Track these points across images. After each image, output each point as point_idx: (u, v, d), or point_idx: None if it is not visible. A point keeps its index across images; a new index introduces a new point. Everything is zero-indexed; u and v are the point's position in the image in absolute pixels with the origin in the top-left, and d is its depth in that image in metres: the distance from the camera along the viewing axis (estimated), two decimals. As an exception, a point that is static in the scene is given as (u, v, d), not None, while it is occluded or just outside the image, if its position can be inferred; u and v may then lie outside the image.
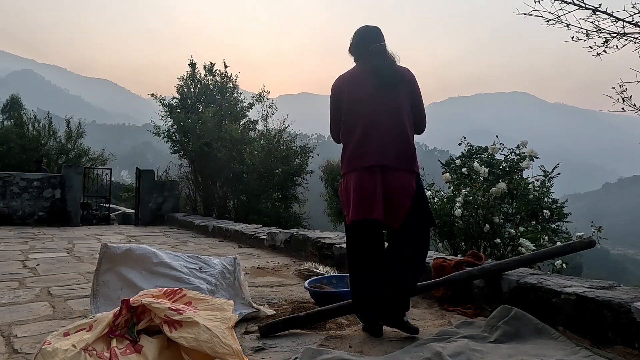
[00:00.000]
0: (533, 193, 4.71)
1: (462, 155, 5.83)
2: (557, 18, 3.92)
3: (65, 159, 15.63)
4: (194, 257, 2.93)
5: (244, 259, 4.95)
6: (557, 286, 2.39)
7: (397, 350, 2.14)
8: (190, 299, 1.98)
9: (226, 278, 2.79)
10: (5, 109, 23.15)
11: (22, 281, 3.74)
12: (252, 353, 2.13)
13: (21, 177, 10.03)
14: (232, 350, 1.69)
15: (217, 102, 12.15)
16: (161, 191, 10.98)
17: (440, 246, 5.25)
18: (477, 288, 2.86)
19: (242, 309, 2.64)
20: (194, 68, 12.61)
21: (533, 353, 2.06)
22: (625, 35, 3.79)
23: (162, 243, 6.82)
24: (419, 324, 2.65)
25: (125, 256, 2.69)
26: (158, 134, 11.83)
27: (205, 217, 10.55)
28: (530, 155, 4.76)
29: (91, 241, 6.99)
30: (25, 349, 2.15)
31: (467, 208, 4.69)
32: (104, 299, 2.58)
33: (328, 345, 2.24)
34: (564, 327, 2.28)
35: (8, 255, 5.16)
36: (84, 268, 4.41)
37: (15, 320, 2.63)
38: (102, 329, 1.71)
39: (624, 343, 2.03)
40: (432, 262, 3.17)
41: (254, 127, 12.51)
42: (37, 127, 16.13)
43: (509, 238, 4.51)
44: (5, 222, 9.51)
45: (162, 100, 12.09)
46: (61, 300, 3.12)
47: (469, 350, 2.06)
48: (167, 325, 1.73)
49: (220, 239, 7.33)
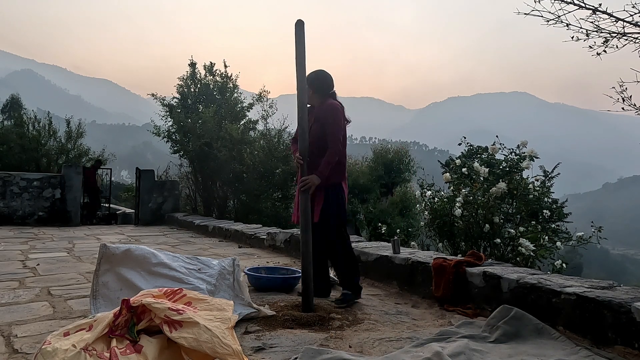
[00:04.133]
0: (533, 193, 4.70)
1: (462, 155, 5.83)
2: (557, 18, 3.92)
3: (65, 159, 15.62)
4: (193, 257, 2.93)
5: (244, 259, 4.95)
6: (557, 286, 2.39)
7: (397, 350, 2.14)
8: (190, 299, 1.98)
9: (225, 279, 2.79)
10: (5, 109, 23.16)
11: (22, 281, 3.73)
12: (252, 353, 2.13)
13: (21, 177, 10.03)
14: (232, 350, 1.69)
15: (217, 102, 12.15)
16: (161, 191, 10.98)
17: (440, 246, 5.24)
18: (477, 288, 2.86)
19: (242, 310, 2.64)
20: (194, 68, 12.62)
21: (533, 353, 2.06)
22: (625, 35, 3.79)
23: (162, 243, 6.82)
24: (419, 324, 2.66)
25: (124, 257, 2.69)
26: (158, 134, 11.83)
27: (205, 217, 10.54)
28: (530, 155, 4.75)
29: (91, 241, 6.99)
30: (25, 348, 2.15)
31: (467, 208, 4.68)
32: (104, 300, 2.58)
33: (328, 345, 2.24)
34: (564, 327, 2.28)
35: (8, 255, 5.16)
36: (84, 268, 4.41)
37: (15, 320, 2.62)
38: (102, 328, 1.71)
39: (624, 343, 2.03)
40: (432, 262, 3.17)
41: (254, 127, 12.50)
42: (37, 127, 16.11)
43: (509, 238, 4.51)
44: (5, 222, 9.51)
45: (162, 100, 12.09)
46: (61, 300, 3.12)
47: (469, 350, 2.06)
48: (167, 325, 1.73)
49: (220, 239, 7.33)
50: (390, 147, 16.01)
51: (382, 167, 14.84)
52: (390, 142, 19.05)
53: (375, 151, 15.72)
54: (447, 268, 3.01)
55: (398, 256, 3.60)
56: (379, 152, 15.45)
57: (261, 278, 3.51)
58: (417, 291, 3.33)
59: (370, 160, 15.49)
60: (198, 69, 12.68)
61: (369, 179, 14.27)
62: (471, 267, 3.00)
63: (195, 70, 12.63)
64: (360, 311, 2.89)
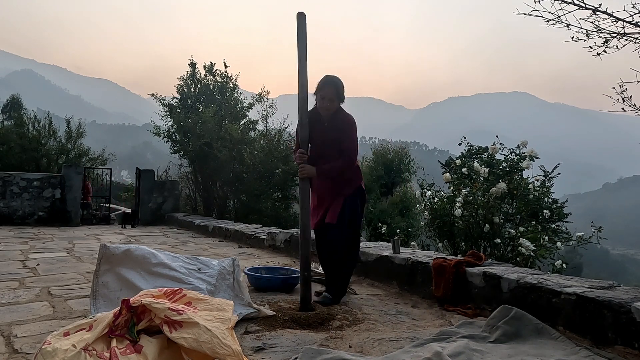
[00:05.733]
0: (533, 193, 4.70)
1: (462, 155, 5.82)
2: (557, 18, 3.91)
3: (65, 159, 15.62)
4: (192, 258, 2.93)
5: (244, 259, 4.95)
6: (557, 286, 2.39)
7: (397, 350, 2.14)
8: (190, 299, 1.98)
9: (225, 279, 2.79)
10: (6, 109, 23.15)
11: (22, 281, 3.73)
12: (252, 353, 2.13)
13: (21, 177, 10.02)
14: (232, 351, 1.69)
15: (217, 102, 12.15)
16: (161, 191, 10.98)
17: (440, 246, 5.24)
18: (477, 288, 2.86)
19: (242, 310, 2.64)
20: (194, 68, 12.62)
21: (533, 353, 2.06)
22: (625, 35, 3.78)
23: (162, 243, 6.82)
24: (419, 324, 2.66)
25: (124, 257, 2.69)
26: (158, 134, 11.83)
27: (205, 217, 10.54)
28: (530, 155, 4.75)
29: (91, 241, 6.99)
30: (25, 348, 2.15)
31: (467, 208, 4.68)
32: (104, 300, 2.58)
33: (328, 345, 2.24)
34: (564, 327, 2.28)
35: (8, 255, 5.16)
36: (84, 268, 4.41)
37: (15, 320, 2.62)
38: (102, 328, 1.71)
39: (624, 343, 2.03)
40: (432, 262, 3.17)
41: (254, 127, 12.50)
42: (37, 127, 16.10)
43: (509, 238, 4.51)
44: (5, 222, 9.50)
45: (162, 100, 12.09)
46: (61, 300, 3.11)
47: (469, 350, 2.06)
48: (167, 325, 1.73)
49: (220, 239, 7.33)
50: (390, 147, 16.00)
51: (382, 167, 14.83)
52: (390, 142, 19.05)
53: (375, 151, 15.72)
54: (447, 268, 3.01)
55: (398, 256, 3.60)
56: (379, 152, 15.45)
57: (261, 278, 3.52)
58: (417, 291, 3.33)
59: (370, 160, 15.49)
60: (198, 69, 12.69)
61: (369, 179, 14.27)
62: (471, 267, 3.00)
63: (196, 70, 12.64)
64: (360, 311, 2.89)
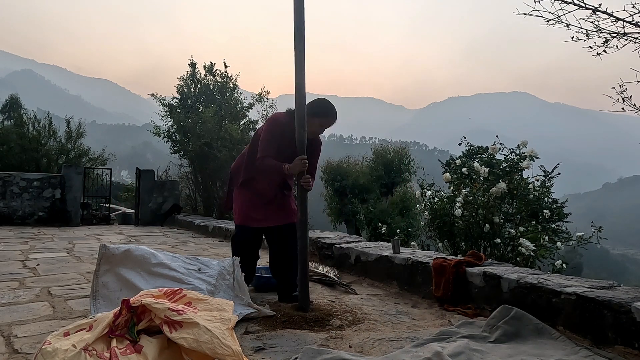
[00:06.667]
0: (533, 193, 4.70)
1: (462, 155, 5.82)
2: (557, 18, 3.91)
3: (65, 159, 15.61)
4: (192, 258, 2.93)
5: (244, 259, 4.95)
6: (557, 286, 2.39)
7: (397, 350, 2.14)
8: (190, 299, 1.98)
9: (225, 279, 2.79)
10: (5, 109, 23.14)
11: (22, 281, 3.73)
12: (252, 353, 2.13)
13: (21, 177, 10.02)
14: (232, 351, 1.69)
15: (217, 102, 12.14)
16: (161, 191, 10.98)
17: (440, 246, 5.24)
18: (477, 288, 2.86)
19: (242, 310, 2.64)
20: (194, 68, 12.61)
21: (533, 353, 2.06)
22: (625, 35, 3.78)
23: (162, 243, 6.82)
24: (419, 324, 2.65)
25: (124, 257, 2.69)
26: (158, 134, 11.82)
27: (205, 217, 10.54)
28: (530, 155, 4.75)
29: (91, 241, 6.99)
30: (25, 349, 2.15)
31: (467, 208, 4.68)
32: (104, 300, 2.57)
33: (328, 345, 2.24)
34: (564, 327, 2.28)
35: (8, 255, 5.15)
36: (84, 268, 4.41)
37: (15, 320, 2.62)
38: (102, 329, 1.71)
39: (624, 343, 2.03)
40: (432, 262, 3.17)
41: (254, 127, 12.50)
42: (37, 127, 16.10)
43: (509, 238, 4.51)
44: (5, 222, 9.50)
45: (162, 100, 12.08)
46: (61, 300, 3.11)
47: (469, 350, 2.06)
48: (167, 325, 1.73)
49: (220, 239, 7.33)
50: (390, 147, 15.99)
51: (382, 167, 14.82)
52: (390, 142, 19.04)
53: (375, 151, 15.70)
54: (447, 268, 3.01)
55: (398, 256, 3.60)
56: (379, 152, 15.44)
57: (261, 278, 3.52)
58: (417, 291, 3.33)
59: (370, 160, 15.47)
60: (198, 69, 12.68)
61: (369, 179, 14.26)
62: (471, 267, 3.00)
63: (195, 70, 12.63)
64: (360, 311, 2.89)
